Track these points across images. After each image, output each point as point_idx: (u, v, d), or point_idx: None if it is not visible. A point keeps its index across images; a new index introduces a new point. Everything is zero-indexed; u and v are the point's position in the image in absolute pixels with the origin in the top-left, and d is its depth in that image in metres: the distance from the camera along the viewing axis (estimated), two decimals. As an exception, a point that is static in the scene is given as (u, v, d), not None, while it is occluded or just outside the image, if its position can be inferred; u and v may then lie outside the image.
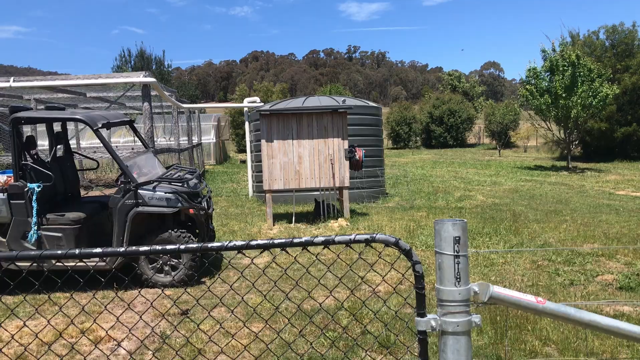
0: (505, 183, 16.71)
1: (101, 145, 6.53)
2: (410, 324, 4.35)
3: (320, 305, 3.55)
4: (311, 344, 4.26)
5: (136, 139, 13.69)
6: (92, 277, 6.02)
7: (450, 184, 16.44)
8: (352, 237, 2.05)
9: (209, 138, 26.02)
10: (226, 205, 12.82)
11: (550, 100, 20.25)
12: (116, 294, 5.50)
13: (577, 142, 24.59)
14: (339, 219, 10.18)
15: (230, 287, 2.42)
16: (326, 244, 2.07)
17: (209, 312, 2.70)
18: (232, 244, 2.01)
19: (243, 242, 2.02)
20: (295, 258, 2.11)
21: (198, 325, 2.85)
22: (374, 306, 5.36)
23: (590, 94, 19.79)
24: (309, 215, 10.94)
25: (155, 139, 10.41)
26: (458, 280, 1.97)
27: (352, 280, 6.16)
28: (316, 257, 2.37)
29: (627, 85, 24.07)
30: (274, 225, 10.11)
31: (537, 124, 23.67)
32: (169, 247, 1.98)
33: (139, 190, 6.15)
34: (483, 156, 29.81)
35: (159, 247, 1.98)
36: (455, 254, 1.96)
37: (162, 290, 5.87)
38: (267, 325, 4.21)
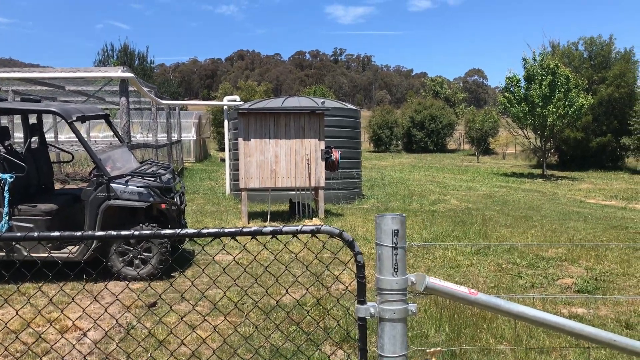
0: (480, 188, 16.99)
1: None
2: (351, 311, 4.57)
3: (277, 303, 3.66)
4: (266, 338, 4.38)
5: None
6: (62, 269, 6.04)
7: (426, 187, 16.66)
8: (299, 227, 2.17)
9: (190, 135, 25.99)
10: (202, 203, 12.86)
11: (527, 109, 20.65)
12: (83, 286, 5.55)
13: (553, 151, 25.07)
14: (314, 219, 10.30)
15: (192, 283, 2.54)
16: (274, 233, 2.19)
17: (171, 307, 2.81)
18: (183, 231, 2.12)
19: (194, 230, 2.13)
20: (256, 259, 2.22)
21: (160, 319, 2.95)
22: (329, 299, 5.49)
23: (566, 103, 20.22)
24: (285, 214, 11.04)
25: (132, 134, 10.44)
26: (396, 270, 2.11)
27: (317, 273, 6.28)
28: (275, 256, 2.49)
29: (603, 97, 24.61)
30: (248, 223, 10.20)
31: (514, 132, 24.09)
32: (123, 232, 2.08)
33: (111, 184, 6.21)
34: (462, 162, 30.19)
35: (114, 233, 2.09)
36: (394, 245, 2.10)
37: (127, 285, 5.94)
38: (227, 320, 4.32)
